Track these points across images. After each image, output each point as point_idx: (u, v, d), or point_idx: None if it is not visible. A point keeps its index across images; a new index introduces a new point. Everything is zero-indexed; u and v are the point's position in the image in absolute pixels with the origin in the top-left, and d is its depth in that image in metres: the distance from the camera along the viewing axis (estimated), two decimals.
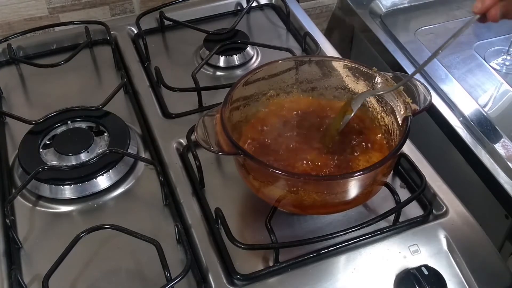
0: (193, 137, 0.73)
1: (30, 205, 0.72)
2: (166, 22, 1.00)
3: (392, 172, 0.73)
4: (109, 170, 0.74)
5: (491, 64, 1.00)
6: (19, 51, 0.95)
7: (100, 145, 0.78)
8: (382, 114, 0.71)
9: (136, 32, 0.99)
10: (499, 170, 0.80)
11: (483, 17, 0.63)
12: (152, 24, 1.01)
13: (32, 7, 1.00)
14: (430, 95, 0.67)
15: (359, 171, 0.62)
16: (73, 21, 0.99)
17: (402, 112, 0.66)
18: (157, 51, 0.96)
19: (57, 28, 1.00)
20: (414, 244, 0.66)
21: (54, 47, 0.97)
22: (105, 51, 0.96)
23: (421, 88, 0.68)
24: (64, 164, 0.74)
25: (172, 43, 0.99)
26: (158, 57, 0.94)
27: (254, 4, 1.05)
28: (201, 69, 0.88)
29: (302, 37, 0.96)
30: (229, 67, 0.92)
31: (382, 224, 0.67)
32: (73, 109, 0.82)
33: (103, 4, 1.04)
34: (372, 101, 0.72)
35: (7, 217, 0.68)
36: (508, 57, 1.01)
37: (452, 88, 0.93)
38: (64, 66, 0.89)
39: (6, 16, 1.00)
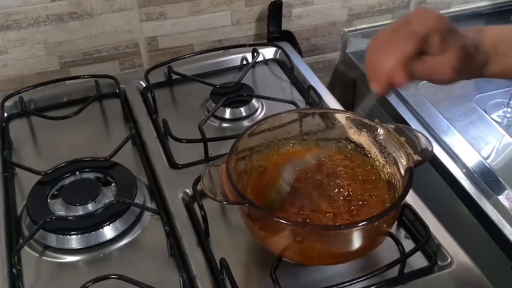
0: (198, 187, 0.74)
1: (37, 255, 0.73)
2: (174, 76, 1.03)
3: (396, 222, 0.74)
4: (115, 220, 0.75)
5: (492, 116, 1.01)
6: (31, 103, 0.98)
7: (107, 196, 0.79)
8: (385, 164, 0.72)
9: (144, 85, 1.01)
10: (503, 221, 0.80)
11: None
12: (160, 78, 1.03)
13: (44, 62, 1.04)
14: (432, 146, 0.68)
15: (363, 221, 0.62)
16: (84, 75, 1.02)
17: (404, 163, 0.67)
18: (165, 104, 0.98)
19: (67, 82, 1.03)
20: None
21: (65, 100, 1.00)
22: (114, 103, 0.98)
23: (423, 139, 0.69)
24: (72, 214, 0.75)
25: (179, 96, 1.02)
26: (166, 109, 0.97)
27: (259, 59, 1.08)
28: (208, 121, 0.90)
29: (306, 90, 0.99)
30: (235, 119, 0.94)
31: (387, 274, 0.67)
32: (81, 160, 0.83)
33: (113, 58, 1.08)
34: (375, 152, 0.73)
35: (14, 267, 0.68)
36: (509, 110, 1.02)
37: (455, 140, 0.95)
38: (74, 118, 0.92)
39: (19, 70, 1.03)
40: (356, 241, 0.63)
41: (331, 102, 0.96)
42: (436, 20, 0.55)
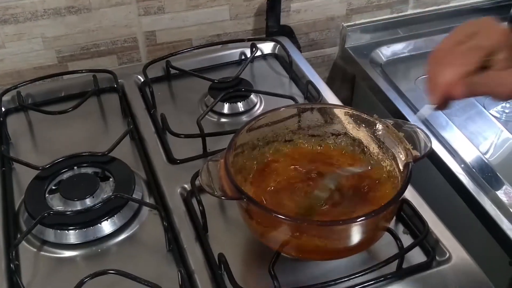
0: (197, 182, 0.75)
1: (35, 250, 0.73)
2: (172, 71, 1.02)
3: (394, 218, 0.74)
4: (113, 215, 0.75)
5: (490, 111, 1.01)
6: (28, 98, 0.97)
7: (106, 191, 0.79)
8: (384, 160, 0.72)
9: (143, 80, 1.01)
10: (502, 217, 0.81)
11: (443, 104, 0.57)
12: (158, 72, 1.03)
13: (41, 56, 1.03)
14: (431, 142, 0.68)
15: (361, 216, 0.62)
16: (82, 70, 1.02)
17: (403, 158, 0.67)
18: (163, 99, 0.98)
19: (65, 76, 1.03)
20: None
21: (62, 94, 0.99)
22: (112, 98, 0.98)
23: (421, 135, 0.69)
24: (70, 209, 0.75)
25: (178, 91, 1.01)
26: (164, 104, 0.96)
27: (258, 53, 1.08)
28: (206, 116, 0.90)
29: (305, 85, 0.98)
30: (233, 114, 0.94)
31: (385, 270, 0.67)
32: (79, 155, 0.83)
33: (111, 53, 1.07)
34: (373, 147, 0.73)
35: (12, 262, 0.68)
36: (508, 105, 1.02)
37: (453, 135, 0.95)
38: (72, 113, 0.91)
39: (16, 64, 1.03)
40: (355, 236, 0.63)
41: (330, 97, 0.96)
42: (503, 35, 0.53)
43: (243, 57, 1.08)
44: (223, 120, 0.94)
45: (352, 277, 0.66)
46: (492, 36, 0.53)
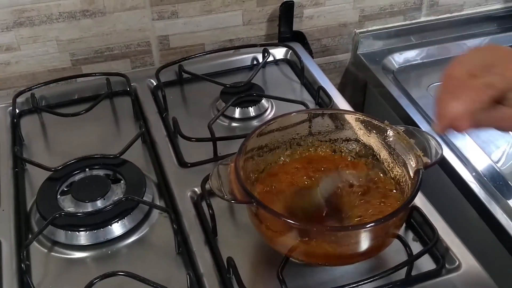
0: (207, 185, 0.75)
1: (45, 250, 0.73)
2: (185, 75, 1.03)
3: (404, 225, 0.74)
4: (124, 217, 0.75)
5: None
6: (42, 100, 0.98)
7: (117, 193, 0.79)
8: (394, 166, 0.71)
9: (155, 84, 1.02)
10: None
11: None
12: (171, 76, 1.04)
13: (56, 59, 1.04)
14: (442, 149, 0.68)
15: (371, 222, 0.62)
16: (95, 73, 1.03)
17: (413, 165, 0.67)
18: (175, 103, 0.99)
19: (79, 79, 1.04)
20: None
21: (76, 97, 1.00)
22: (124, 101, 0.99)
23: (432, 142, 0.69)
24: (81, 211, 0.76)
25: (190, 95, 1.02)
26: (176, 108, 0.97)
27: (270, 59, 1.08)
28: (217, 120, 0.91)
29: (316, 91, 0.98)
30: (244, 119, 0.95)
31: (394, 277, 0.67)
32: (91, 157, 0.83)
33: (124, 57, 1.08)
34: (384, 153, 0.73)
35: (23, 262, 0.69)
36: None
37: (465, 143, 0.94)
38: (85, 116, 0.92)
39: (31, 66, 1.04)
40: (364, 242, 0.63)
41: (341, 103, 0.96)
42: None
43: (255, 62, 1.09)
44: (234, 124, 0.94)
45: (360, 283, 0.65)
46: (509, 74, 0.51)
